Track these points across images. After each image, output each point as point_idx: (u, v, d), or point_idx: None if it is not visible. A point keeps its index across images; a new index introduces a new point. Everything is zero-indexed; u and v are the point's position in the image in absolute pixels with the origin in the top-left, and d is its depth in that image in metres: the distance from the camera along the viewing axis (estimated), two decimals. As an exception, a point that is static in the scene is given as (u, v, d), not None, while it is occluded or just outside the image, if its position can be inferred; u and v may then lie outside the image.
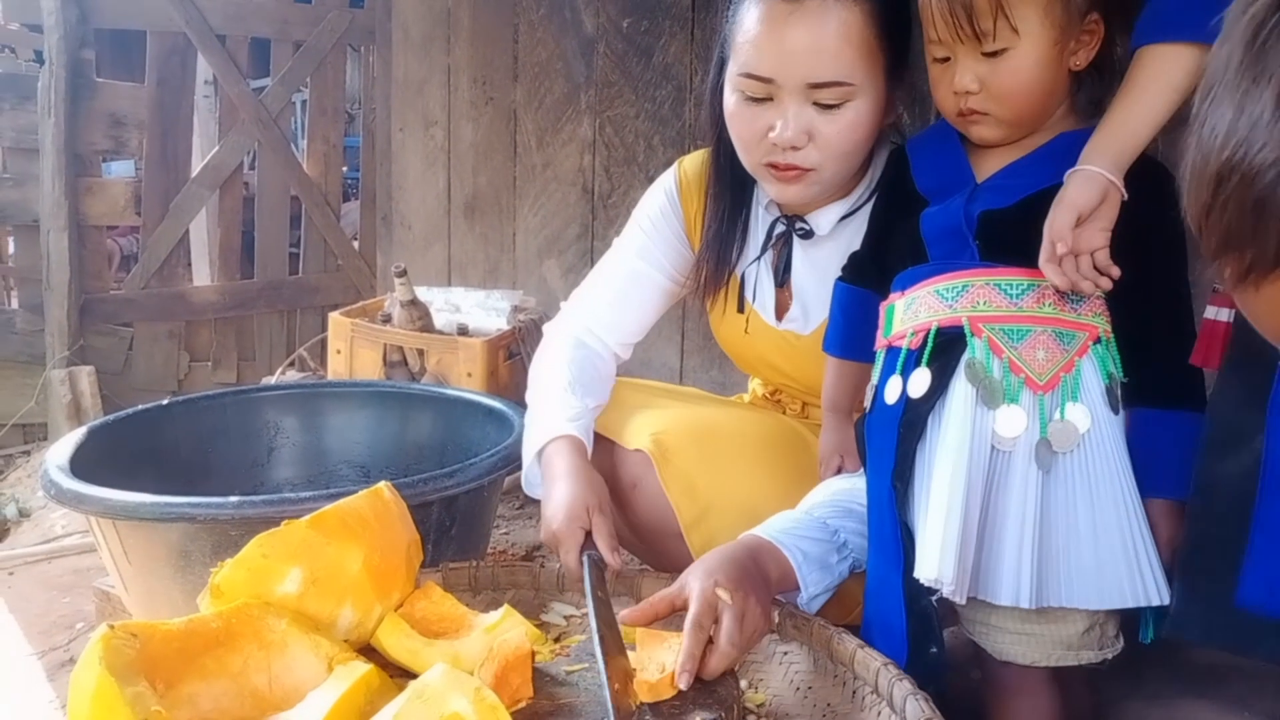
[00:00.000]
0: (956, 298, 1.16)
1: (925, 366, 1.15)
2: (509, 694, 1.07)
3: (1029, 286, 1.14)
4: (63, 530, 2.46)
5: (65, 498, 1.43)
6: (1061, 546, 1.12)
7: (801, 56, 1.31)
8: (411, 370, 2.44)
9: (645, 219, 1.61)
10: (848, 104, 1.33)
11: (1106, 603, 1.12)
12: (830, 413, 1.40)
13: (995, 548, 1.13)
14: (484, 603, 1.33)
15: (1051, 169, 1.15)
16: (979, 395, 1.12)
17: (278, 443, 1.93)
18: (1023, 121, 1.19)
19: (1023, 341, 1.13)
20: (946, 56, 1.19)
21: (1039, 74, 1.15)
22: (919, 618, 1.16)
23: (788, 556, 1.21)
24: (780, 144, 1.34)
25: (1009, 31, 1.13)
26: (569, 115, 2.96)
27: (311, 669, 1.05)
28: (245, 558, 1.09)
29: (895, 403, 1.17)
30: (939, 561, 1.09)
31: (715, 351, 2.76)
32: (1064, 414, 1.11)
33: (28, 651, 1.86)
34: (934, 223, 1.22)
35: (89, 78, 3.26)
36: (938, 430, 1.15)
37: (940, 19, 1.15)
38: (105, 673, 0.88)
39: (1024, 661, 1.17)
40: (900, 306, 1.22)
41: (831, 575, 1.25)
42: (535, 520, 2.38)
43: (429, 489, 1.44)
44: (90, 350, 3.36)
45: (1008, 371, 1.13)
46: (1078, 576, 1.12)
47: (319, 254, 3.77)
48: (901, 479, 1.16)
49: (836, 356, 1.37)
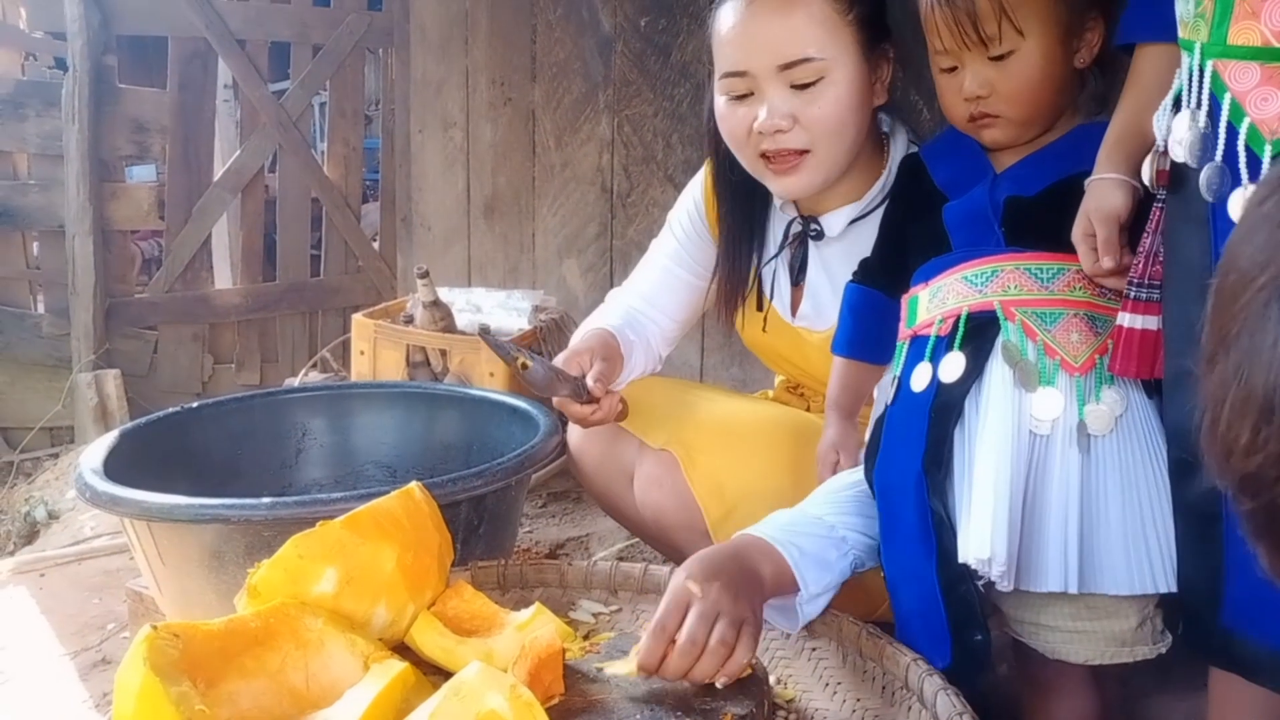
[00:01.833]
0: (986, 283, 1.17)
1: (959, 350, 1.15)
2: (542, 691, 1.08)
3: (1059, 270, 1.15)
4: (92, 531, 2.49)
5: (101, 500, 1.45)
6: (1097, 531, 1.12)
7: (768, 42, 1.36)
8: (434, 371, 2.46)
9: (678, 225, 1.65)
10: (823, 80, 1.36)
11: (1139, 587, 1.11)
12: (832, 410, 1.40)
13: (1039, 533, 1.12)
14: (512, 601, 1.35)
15: (1072, 159, 1.16)
16: (1016, 377, 1.13)
17: (305, 444, 1.95)
18: (1033, 121, 1.20)
19: (1055, 325, 1.14)
20: (953, 66, 1.20)
21: (1046, 72, 1.17)
22: (960, 604, 1.14)
23: (783, 554, 1.16)
24: (765, 130, 1.37)
25: (1014, 34, 1.15)
26: (587, 114, 2.97)
27: (348, 667, 1.07)
28: (282, 558, 1.10)
29: (924, 390, 1.17)
30: (990, 539, 1.07)
31: (735, 349, 2.77)
32: (1099, 396, 1.12)
33: (60, 652, 1.88)
34: (957, 211, 1.22)
35: (112, 84, 3.29)
36: (976, 415, 1.15)
37: (945, 28, 1.17)
38: (150, 672, 0.90)
39: (1078, 660, 1.16)
40: (924, 296, 1.22)
41: (832, 573, 1.19)
42: (559, 518, 2.39)
43: (458, 489, 1.45)
44: (116, 353, 3.39)
45: (1042, 354, 1.13)
46: (1110, 561, 1.11)
47: (340, 256, 3.79)
48: (935, 464, 1.15)
49: (844, 356, 1.37)
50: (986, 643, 1.15)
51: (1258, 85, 0.89)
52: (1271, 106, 0.89)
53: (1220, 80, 0.92)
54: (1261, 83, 0.89)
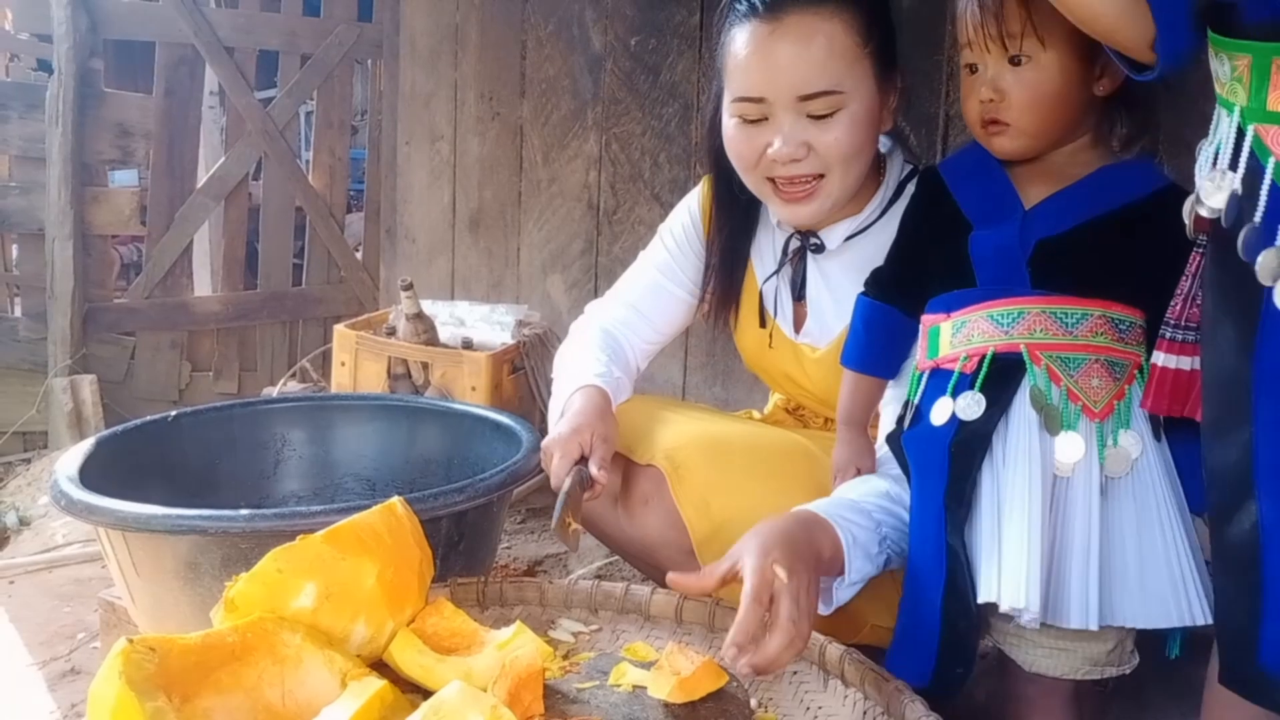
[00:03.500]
0: (1012, 324, 1.18)
1: (979, 391, 1.17)
2: (521, 711, 1.07)
3: (1083, 316, 1.17)
4: (64, 539, 2.46)
5: (76, 508, 1.43)
6: (1115, 568, 1.15)
7: (788, 71, 1.35)
8: (415, 383, 2.45)
9: (669, 235, 1.64)
10: (840, 112, 1.36)
11: (1154, 621, 1.15)
12: (845, 425, 1.40)
13: (1063, 572, 1.15)
14: (492, 619, 1.34)
15: (1100, 199, 1.18)
16: (1041, 422, 1.14)
17: (284, 455, 1.93)
18: (1042, 135, 1.21)
19: (1078, 370, 1.16)
20: (975, 64, 1.21)
21: (1061, 88, 1.18)
22: (954, 639, 1.16)
23: (841, 537, 1.19)
24: (780, 159, 1.37)
25: (1035, 41, 1.16)
26: (575, 131, 2.97)
27: (325, 684, 1.05)
28: (260, 572, 1.09)
29: (944, 425, 1.18)
30: (1026, 590, 1.10)
31: (718, 369, 2.77)
32: (1117, 440, 1.14)
33: (29, 661, 1.85)
34: (985, 246, 1.23)
35: (97, 87, 3.27)
36: (1003, 456, 1.17)
37: (970, 20, 1.19)
38: (125, 687, 0.88)
39: (1054, 674, 1.20)
40: (947, 329, 1.23)
41: (872, 565, 1.23)
42: (538, 535, 2.38)
43: (439, 504, 1.44)
44: (93, 359, 3.36)
45: (1065, 399, 1.15)
46: (1127, 596, 1.14)
47: (322, 265, 3.77)
48: (957, 500, 1.16)
49: (854, 370, 1.38)
50: (966, 675, 1.18)
51: None
52: None
53: (1263, 144, 0.93)
54: None
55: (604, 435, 1.40)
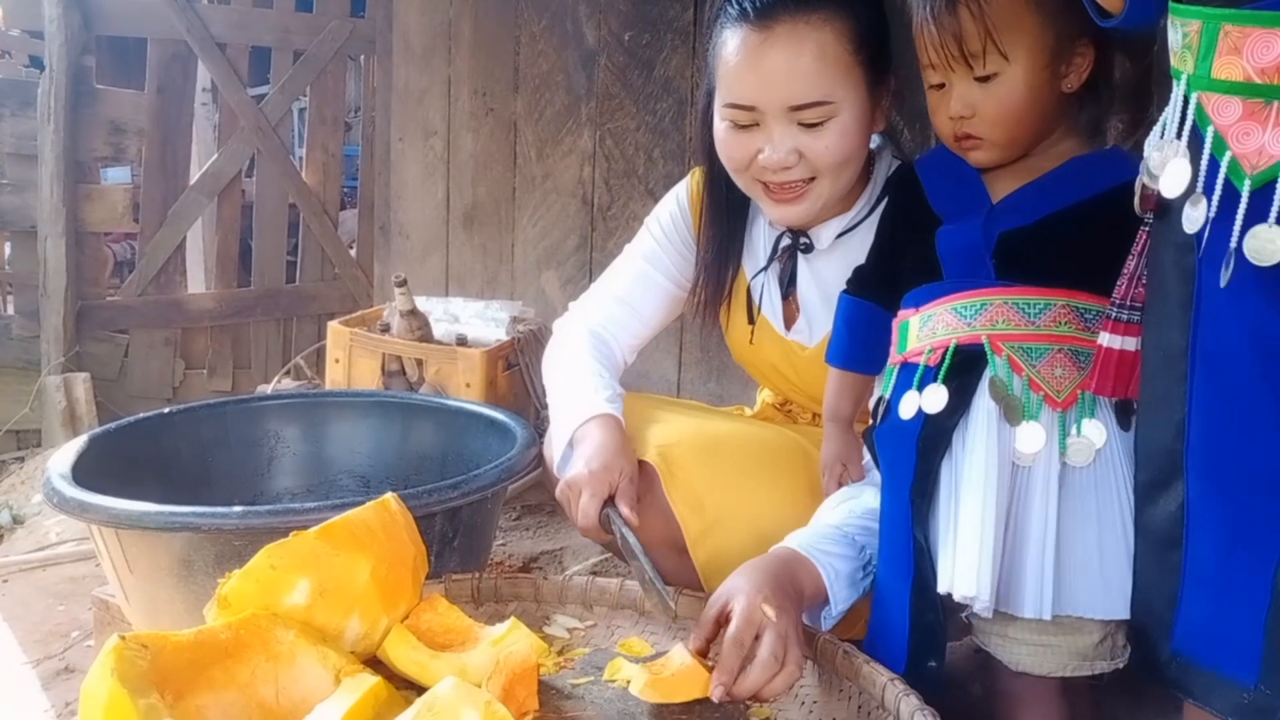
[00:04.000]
0: (975, 315, 1.18)
1: (941, 383, 1.17)
2: (515, 707, 1.07)
3: (1046, 305, 1.16)
4: (57, 537, 2.45)
5: (69, 506, 1.43)
6: (1073, 558, 1.15)
7: (780, 81, 1.34)
8: (410, 380, 2.44)
9: (657, 225, 1.64)
10: (832, 120, 1.36)
11: (1113, 612, 1.14)
12: (831, 422, 1.41)
13: (1018, 561, 1.15)
14: (486, 615, 1.34)
15: (1068, 191, 1.18)
16: (1001, 412, 1.14)
17: (278, 452, 1.93)
18: (1016, 144, 1.21)
19: (1041, 360, 1.16)
20: (941, 83, 1.21)
21: (1030, 98, 1.18)
22: (923, 631, 1.18)
23: (821, 573, 1.23)
24: (771, 166, 1.37)
25: (998, 57, 1.16)
26: (569, 127, 2.97)
27: (319, 680, 1.05)
28: (253, 568, 1.09)
29: (911, 418, 1.19)
30: (976, 579, 1.11)
31: (713, 364, 2.77)
32: (1080, 430, 1.14)
33: (23, 660, 1.85)
34: (950, 241, 1.23)
35: (89, 84, 3.25)
36: (962, 448, 1.17)
37: (931, 45, 1.18)
38: (117, 684, 0.88)
39: (1040, 672, 1.19)
40: (915, 323, 1.23)
41: (857, 592, 1.27)
42: (533, 531, 2.38)
43: (433, 500, 1.44)
44: (86, 357, 3.35)
45: (1027, 389, 1.15)
46: (1087, 587, 1.14)
47: (316, 262, 3.76)
48: (920, 494, 1.17)
49: (839, 368, 1.38)
50: (940, 670, 1.19)
51: (1239, 120, 0.90)
52: (1252, 141, 0.90)
53: (1204, 113, 0.93)
54: (1243, 117, 0.90)
55: (631, 475, 1.37)
